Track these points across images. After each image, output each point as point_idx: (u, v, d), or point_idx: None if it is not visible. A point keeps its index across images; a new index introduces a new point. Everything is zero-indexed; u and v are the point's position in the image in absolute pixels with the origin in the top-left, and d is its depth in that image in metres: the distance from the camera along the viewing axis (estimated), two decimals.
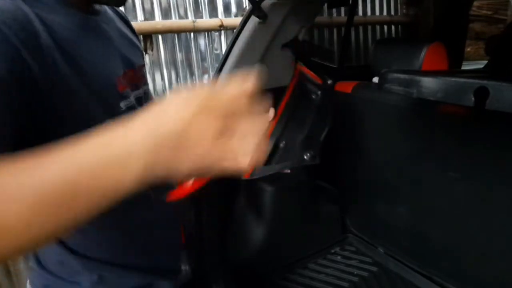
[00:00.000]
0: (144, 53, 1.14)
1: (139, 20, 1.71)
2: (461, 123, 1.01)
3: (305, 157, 0.60)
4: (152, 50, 1.74)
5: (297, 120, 0.65)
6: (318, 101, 0.64)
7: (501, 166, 0.92)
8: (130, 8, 1.67)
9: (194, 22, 1.78)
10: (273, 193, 1.24)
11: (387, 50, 1.42)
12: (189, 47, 1.83)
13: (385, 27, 2.54)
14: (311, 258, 1.36)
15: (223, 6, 1.90)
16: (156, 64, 1.76)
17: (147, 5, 1.71)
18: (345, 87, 1.32)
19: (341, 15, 2.37)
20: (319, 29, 2.32)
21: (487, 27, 4.30)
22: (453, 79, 0.82)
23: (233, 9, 1.94)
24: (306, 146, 0.61)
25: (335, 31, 2.37)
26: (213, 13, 1.88)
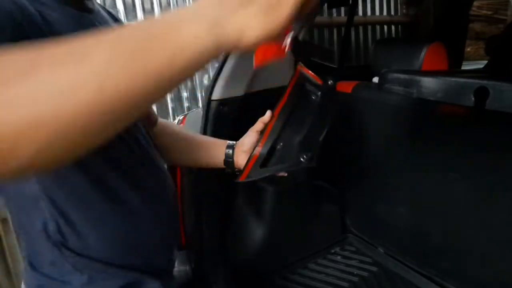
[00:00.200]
0: None
1: (139, 20, 1.71)
2: (461, 123, 1.01)
3: (302, 159, 0.60)
4: None
5: (295, 121, 0.64)
6: (317, 102, 0.64)
7: (501, 166, 0.91)
8: (130, 8, 1.68)
9: None
10: (273, 193, 1.24)
11: (387, 50, 1.42)
12: None
13: (385, 27, 2.54)
14: (311, 258, 1.36)
15: None
16: None
17: (147, 5, 1.71)
18: (345, 87, 1.32)
19: (341, 15, 2.36)
20: (319, 29, 2.32)
21: (487, 27, 4.30)
22: (453, 79, 0.82)
23: None
24: (303, 148, 0.61)
25: (335, 31, 2.37)
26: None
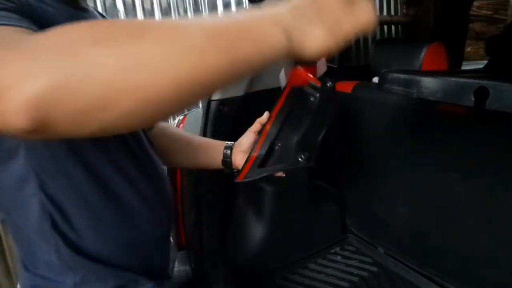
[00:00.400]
0: None
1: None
2: (461, 123, 1.01)
3: (300, 159, 0.60)
4: None
5: (293, 122, 0.64)
6: (316, 104, 0.63)
7: (501, 166, 0.91)
8: (130, 8, 1.68)
9: None
10: (273, 193, 1.24)
11: (387, 50, 1.42)
12: None
13: (385, 27, 2.54)
14: (311, 258, 1.36)
15: (223, 6, 1.90)
16: None
17: (147, 5, 1.71)
18: (345, 87, 1.32)
19: None
20: None
21: (487, 27, 4.30)
22: (453, 79, 0.82)
23: (233, 9, 1.94)
24: (301, 148, 0.61)
25: None
26: (213, 13, 1.88)
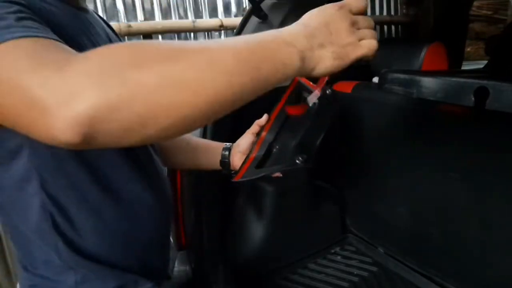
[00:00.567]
0: None
1: (139, 20, 1.70)
2: (461, 123, 1.01)
3: (298, 161, 0.60)
4: None
5: (292, 125, 0.64)
6: (315, 109, 0.64)
7: (501, 166, 0.91)
8: (130, 8, 1.68)
9: (194, 22, 1.78)
10: (273, 193, 1.24)
11: (387, 50, 1.42)
12: None
13: (385, 27, 2.54)
14: (311, 258, 1.36)
15: (223, 6, 1.90)
16: None
17: (147, 5, 1.71)
18: (345, 87, 1.32)
19: None
20: None
21: (487, 27, 4.30)
22: (453, 79, 0.82)
23: (233, 9, 1.94)
24: (299, 150, 0.61)
25: None
26: (213, 13, 1.87)
